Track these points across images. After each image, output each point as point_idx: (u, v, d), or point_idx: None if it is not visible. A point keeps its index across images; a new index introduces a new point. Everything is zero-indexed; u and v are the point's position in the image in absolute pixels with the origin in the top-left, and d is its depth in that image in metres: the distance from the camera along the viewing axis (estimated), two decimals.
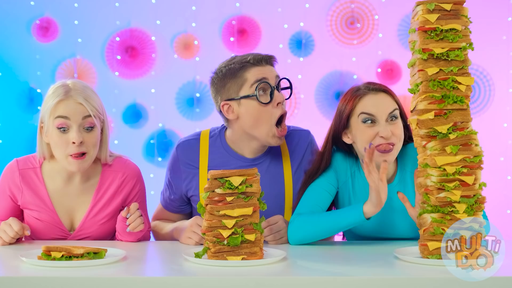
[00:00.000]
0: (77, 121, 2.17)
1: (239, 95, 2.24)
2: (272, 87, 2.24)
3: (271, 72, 2.26)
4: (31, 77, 4.08)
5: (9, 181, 2.28)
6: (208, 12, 4.11)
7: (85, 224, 2.28)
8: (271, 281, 1.61)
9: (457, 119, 1.81)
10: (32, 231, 2.28)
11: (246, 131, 2.28)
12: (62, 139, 2.17)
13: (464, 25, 1.83)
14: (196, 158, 2.35)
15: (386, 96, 2.14)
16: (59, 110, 2.17)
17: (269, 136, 2.25)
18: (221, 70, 2.28)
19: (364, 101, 2.13)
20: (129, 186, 2.32)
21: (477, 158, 1.80)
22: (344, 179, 2.23)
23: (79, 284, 1.60)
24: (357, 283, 1.61)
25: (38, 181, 2.27)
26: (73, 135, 2.15)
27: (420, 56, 1.82)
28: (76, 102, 2.17)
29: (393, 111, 2.12)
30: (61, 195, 2.28)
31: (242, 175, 1.81)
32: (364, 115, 2.12)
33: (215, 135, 2.38)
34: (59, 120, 2.16)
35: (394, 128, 2.11)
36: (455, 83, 1.81)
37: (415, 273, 1.68)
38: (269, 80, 2.24)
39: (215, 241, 1.80)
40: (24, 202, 2.28)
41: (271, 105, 2.23)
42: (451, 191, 1.79)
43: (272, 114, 2.23)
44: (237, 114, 2.25)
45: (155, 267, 1.89)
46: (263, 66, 2.25)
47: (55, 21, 4.10)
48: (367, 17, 4.12)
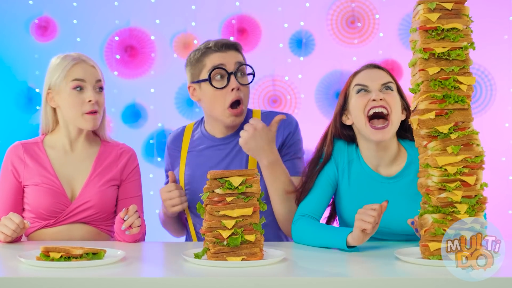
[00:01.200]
0: (92, 83, 2.36)
1: (199, 79, 2.38)
2: (229, 73, 2.32)
3: (231, 58, 2.36)
4: (30, 76, 4.07)
5: (12, 156, 2.39)
6: (208, 11, 4.10)
7: (86, 189, 2.36)
8: (271, 282, 1.61)
9: (458, 119, 1.81)
10: (33, 205, 2.34)
11: (207, 112, 2.43)
12: (77, 99, 2.34)
13: (465, 24, 1.82)
14: (179, 144, 2.51)
15: (380, 71, 2.24)
16: (76, 73, 2.34)
17: (225, 116, 2.36)
18: (190, 54, 2.44)
19: (359, 75, 2.23)
20: (125, 159, 2.46)
21: (479, 158, 1.79)
22: (342, 167, 2.25)
23: (78, 285, 1.60)
24: (358, 284, 1.61)
25: (40, 152, 2.40)
26: (89, 94, 2.34)
27: (421, 55, 1.81)
28: (89, 65, 2.37)
29: (387, 83, 2.20)
30: (62, 164, 2.39)
31: (242, 175, 1.80)
32: (358, 86, 2.20)
33: (197, 121, 2.56)
34: (76, 82, 2.34)
35: (387, 96, 2.16)
36: (456, 83, 1.80)
37: (416, 274, 1.67)
38: (226, 66, 2.34)
39: (214, 242, 1.79)
40: (26, 175, 2.36)
41: (225, 90, 2.33)
42: (452, 192, 1.78)
43: (226, 98, 2.34)
44: (199, 97, 2.41)
45: (154, 268, 1.88)
46: (224, 52, 2.36)
47: (54, 20, 4.09)
48: (367, 16, 4.11)
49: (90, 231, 2.38)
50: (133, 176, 2.46)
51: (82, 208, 2.35)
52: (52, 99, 2.38)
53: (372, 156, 2.22)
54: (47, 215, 2.34)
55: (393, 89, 2.20)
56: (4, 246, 2.14)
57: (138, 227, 2.18)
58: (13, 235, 2.16)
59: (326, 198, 2.25)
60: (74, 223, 2.35)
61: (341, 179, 2.26)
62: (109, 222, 2.43)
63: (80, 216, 2.35)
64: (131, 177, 2.46)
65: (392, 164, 2.23)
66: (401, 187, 2.20)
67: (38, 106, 4.02)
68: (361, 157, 2.25)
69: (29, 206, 2.35)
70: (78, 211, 2.35)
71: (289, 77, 4.10)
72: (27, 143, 2.42)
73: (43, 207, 2.33)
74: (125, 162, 2.45)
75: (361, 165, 2.24)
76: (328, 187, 2.24)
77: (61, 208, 2.34)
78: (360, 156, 2.25)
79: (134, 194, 2.45)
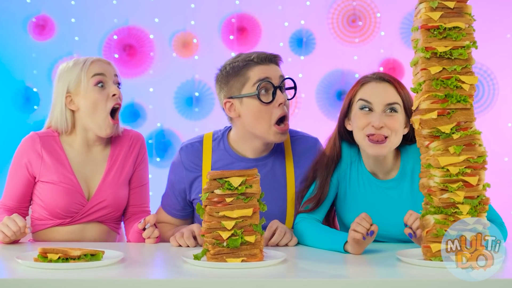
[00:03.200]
0: (111, 77, 2.36)
1: (241, 93, 2.24)
2: (275, 87, 2.23)
3: (275, 72, 2.26)
4: (27, 76, 4.05)
5: (28, 149, 2.35)
6: (207, 10, 4.09)
7: (102, 188, 2.36)
8: (272, 284, 1.60)
9: (460, 118, 1.80)
10: (49, 204, 2.33)
11: (247, 129, 2.27)
12: (102, 95, 2.32)
13: (467, 23, 1.81)
14: (199, 161, 2.35)
15: (388, 87, 2.14)
16: (95, 69, 2.33)
17: (270, 134, 2.24)
18: (226, 67, 2.29)
19: (365, 88, 2.15)
20: (137, 148, 2.46)
21: (481, 159, 1.78)
22: (344, 168, 2.24)
23: (76, 287, 1.58)
24: (359, 285, 1.60)
25: (58, 148, 2.37)
26: (112, 88, 2.34)
27: (423, 54, 1.81)
28: (105, 62, 2.38)
29: (392, 104, 2.12)
30: (79, 163, 2.37)
31: (242, 176, 1.79)
32: (362, 102, 2.14)
33: (218, 137, 2.39)
34: (97, 77, 2.32)
35: (389, 120, 2.10)
36: (458, 82, 1.80)
37: (417, 275, 1.67)
38: (272, 80, 2.23)
39: (214, 243, 1.78)
40: (43, 170, 2.33)
41: (272, 105, 2.23)
42: (455, 192, 1.77)
43: (273, 114, 2.23)
44: (239, 112, 2.26)
45: (153, 269, 1.87)
46: (267, 65, 2.25)
47: (51, 19, 4.07)
48: (369, 15, 4.09)
49: (102, 230, 2.39)
50: (142, 164, 2.47)
51: (98, 208, 2.36)
52: (72, 101, 2.34)
53: (371, 164, 2.22)
54: (63, 215, 2.33)
55: (398, 110, 2.12)
56: (2, 247, 2.12)
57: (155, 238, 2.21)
58: (12, 237, 2.14)
59: (328, 199, 2.23)
60: (88, 222, 2.36)
61: (342, 179, 2.25)
62: (119, 220, 2.46)
63: (95, 215, 2.36)
64: (141, 163, 2.47)
65: (390, 170, 2.23)
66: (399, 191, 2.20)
67: (36, 105, 4.00)
68: (362, 160, 2.24)
69: (44, 203, 2.34)
70: (93, 211, 2.36)
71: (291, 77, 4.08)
72: (45, 136, 2.37)
73: (60, 206, 2.32)
74: (137, 151, 2.45)
75: (361, 168, 2.24)
76: (331, 188, 2.23)
77: (78, 207, 2.34)
78: (361, 159, 2.24)
79: (143, 182, 2.47)
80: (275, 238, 2.11)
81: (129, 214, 2.45)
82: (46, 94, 3.80)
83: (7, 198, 2.37)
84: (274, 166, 2.34)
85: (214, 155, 2.35)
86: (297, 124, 2.53)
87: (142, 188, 2.46)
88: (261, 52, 2.27)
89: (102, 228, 2.39)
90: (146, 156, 2.50)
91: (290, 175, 2.34)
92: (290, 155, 2.37)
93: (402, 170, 2.20)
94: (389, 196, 2.20)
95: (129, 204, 2.44)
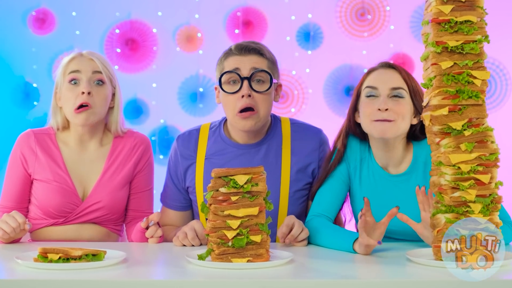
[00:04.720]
0: (87, 75, 2.31)
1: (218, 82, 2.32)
2: (242, 78, 2.25)
3: (249, 63, 2.27)
4: (27, 71, 4.02)
5: (23, 146, 2.35)
6: (212, 3, 4.06)
7: (98, 188, 2.33)
8: (278, 285, 1.59)
9: (472, 115, 1.78)
10: (43, 203, 2.31)
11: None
12: (72, 92, 2.29)
13: (479, 16, 1.79)
14: (194, 148, 2.40)
15: (394, 72, 2.18)
16: (71, 66, 2.32)
17: (236, 121, 2.28)
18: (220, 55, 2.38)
19: (371, 75, 2.19)
20: (140, 151, 2.41)
21: (493, 156, 1.77)
22: (354, 165, 2.25)
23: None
24: (367, 285, 1.59)
25: (53, 146, 2.36)
26: (83, 85, 2.29)
27: (434, 49, 1.79)
28: (87, 59, 2.34)
29: (397, 88, 2.15)
30: (74, 162, 2.35)
31: (248, 174, 1.78)
32: (368, 89, 2.17)
33: (215, 126, 2.44)
34: (71, 75, 2.31)
35: (395, 105, 2.13)
36: (470, 78, 1.78)
37: (427, 276, 1.65)
38: (241, 71, 2.26)
39: (219, 243, 1.77)
40: (37, 168, 2.32)
41: (237, 96, 2.26)
42: (466, 190, 1.76)
43: (236, 105, 2.26)
44: (219, 99, 2.35)
45: (156, 270, 1.86)
46: (243, 55, 2.28)
47: (52, 13, 4.04)
48: (378, 8, 4.06)
49: (100, 231, 2.36)
50: (146, 169, 2.42)
51: (93, 209, 2.33)
52: (59, 98, 2.35)
53: (381, 156, 2.22)
54: (56, 214, 2.31)
55: (404, 95, 2.14)
56: (1, 247, 2.10)
57: (158, 237, 2.19)
58: (12, 233, 2.11)
59: (339, 196, 2.25)
60: (84, 223, 2.33)
61: (353, 177, 2.25)
62: (119, 222, 2.42)
63: (90, 216, 2.33)
64: (144, 169, 2.42)
65: (401, 163, 2.23)
66: (411, 185, 2.19)
67: (36, 101, 3.99)
68: (372, 155, 2.24)
69: (37, 202, 2.32)
70: (88, 211, 2.33)
71: (296, 72, 4.06)
72: (40, 133, 2.37)
73: (53, 205, 2.30)
74: (140, 154, 2.40)
75: (372, 163, 2.24)
76: (342, 185, 2.24)
77: (72, 207, 2.32)
78: (372, 155, 2.25)
79: (145, 188, 2.43)
80: (295, 230, 2.09)
81: (130, 218, 2.42)
82: (46, 90, 3.79)
83: (5, 199, 2.36)
84: (269, 153, 2.34)
85: (209, 142, 2.40)
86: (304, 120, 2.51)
87: (145, 193, 2.43)
88: (242, 42, 2.33)
89: (99, 229, 2.35)
90: (151, 161, 2.46)
91: (286, 163, 2.35)
92: (288, 141, 2.37)
93: (414, 163, 2.20)
94: (401, 189, 2.19)
95: (131, 208, 2.41)
